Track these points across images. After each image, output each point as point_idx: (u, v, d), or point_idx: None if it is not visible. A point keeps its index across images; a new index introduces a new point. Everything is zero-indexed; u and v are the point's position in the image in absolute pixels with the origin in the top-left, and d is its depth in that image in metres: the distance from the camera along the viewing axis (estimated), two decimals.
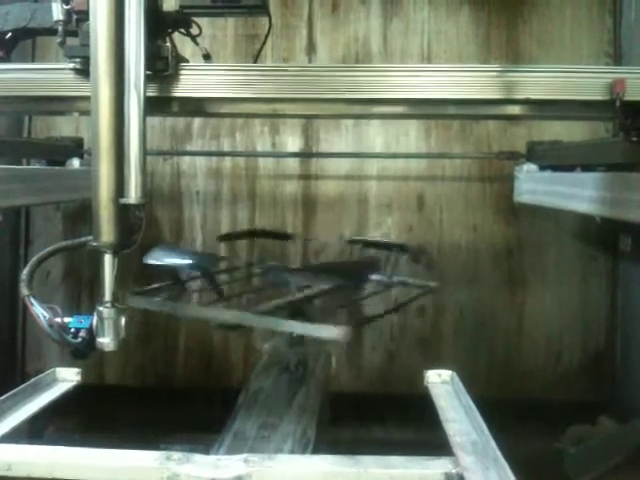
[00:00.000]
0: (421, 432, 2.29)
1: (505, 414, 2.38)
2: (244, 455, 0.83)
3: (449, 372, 1.10)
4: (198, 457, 0.83)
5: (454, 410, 0.98)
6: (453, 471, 0.78)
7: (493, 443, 0.85)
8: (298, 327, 1.48)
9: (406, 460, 0.81)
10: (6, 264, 2.66)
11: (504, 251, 2.61)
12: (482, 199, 2.62)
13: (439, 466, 0.80)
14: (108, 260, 1.28)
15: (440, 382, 1.08)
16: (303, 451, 1.19)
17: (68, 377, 1.12)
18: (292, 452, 1.16)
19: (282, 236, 2.32)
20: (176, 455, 0.83)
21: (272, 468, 0.80)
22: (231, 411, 1.49)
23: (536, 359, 2.59)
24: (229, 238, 1.86)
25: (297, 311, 1.52)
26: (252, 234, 2.00)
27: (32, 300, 1.27)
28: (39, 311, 1.27)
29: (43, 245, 2.71)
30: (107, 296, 1.27)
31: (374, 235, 2.61)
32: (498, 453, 0.82)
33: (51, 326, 1.25)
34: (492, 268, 2.62)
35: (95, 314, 1.28)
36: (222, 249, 2.30)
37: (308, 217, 2.66)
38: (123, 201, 1.24)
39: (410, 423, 2.40)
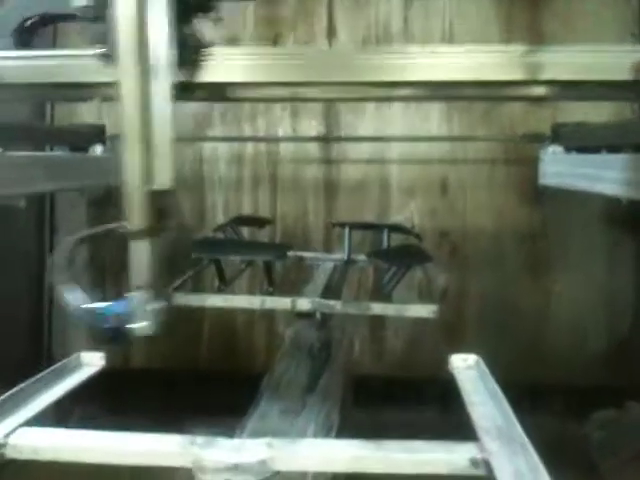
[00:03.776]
0: (443, 415, 2.30)
1: (529, 398, 2.37)
2: (267, 439, 0.83)
3: (474, 357, 1.08)
4: (221, 441, 0.83)
5: (479, 394, 0.97)
6: (478, 456, 0.77)
7: (520, 428, 0.83)
8: (389, 309, 1.49)
9: (430, 445, 0.80)
10: (32, 250, 2.69)
11: (528, 235, 2.59)
12: (506, 182, 2.59)
13: (464, 451, 0.79)
14: (140, 245, 1.25)
15: (465, 367, 1.06)
16: (326, 435, 1.19)
17: (93, 362, 1.13)
18: (315, 436, 1.16)
19: (262, 222, 2.31)
20: (199, 439, 0.83)
21: (295, 452, 0.80)
22: (254, 395, 1.49)
23: (561, 344, 2.56)
24: (221, 228, 1.86)
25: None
26: (239, 221, 2.00)
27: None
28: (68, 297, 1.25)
29: (69, 232, 2.75)
30: (142, 280, 1.24)
31: (396, 219, 2.60)
32: (525, 438, 0.80)
33: (80, 311, 1.24)
34: (516, 252, 2.59)
35: (128, 299, 1.25)
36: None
37: (330, 201, 2.65)
38: (150, 188, 1.21)
39: (432, 407, 2.41)
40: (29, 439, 0.83)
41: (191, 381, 2.58)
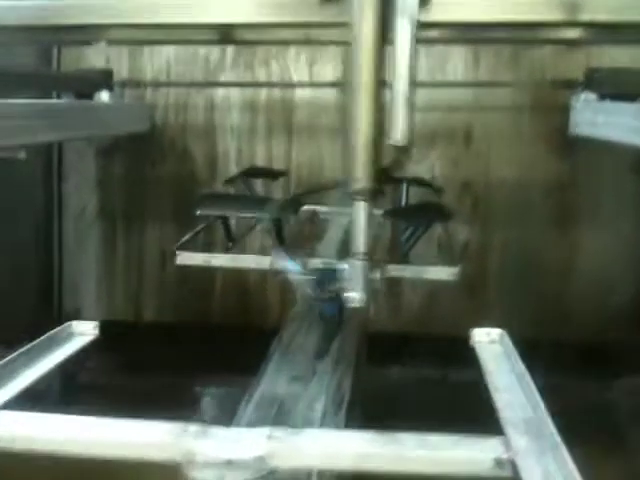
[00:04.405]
0: (458, 374, 2.23)
1: (553, 357, 2.29)
2: (267, 429, 0.75)
3: (498, 331, 0.98)
4: (217, 431, 0.75)
5: (504, 378, 0.87)
6: (504, 456, 0.68)
7: (550, 421, 0.74)
8: (407, 271, 1.40)
9: (451, 441, 0.71)
10: (40, 201, 2.61)
11: (556, 187, 2.45)
12: (535, 131, 2.44)
13: (488, 449, 0.69)
14: (362, 208, 1.16)
15: (488, 342, 0.97)
16: (337, 409, 1.10)
17: (86, 331, 1.04)
18: (325, 411, 1.08)
19: (275, 174, 2.18)
20: (193, 427, 0.75)
21: (297, 447, 0.72)
22: (266, 352, 1.43)
23: (587, 300, 2.45)
24: (232, 181, 1.76)
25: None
26: (251, 173, 1.90)
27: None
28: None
29: (77, 182, 2.67)
30: (360, 247, 1.14)
31: (416, 170, 2.48)
32: (555, 435, 0.71)
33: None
34: (543, 205, 2.46)
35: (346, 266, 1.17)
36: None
37: (347, 149, 2.53)
38: (391, 142, 1.10)
39: (449, 366, 2.35)
40: (6, 425, 0.76)
41: (202, 335, 2.52)
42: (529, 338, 2.32)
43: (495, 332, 0.97)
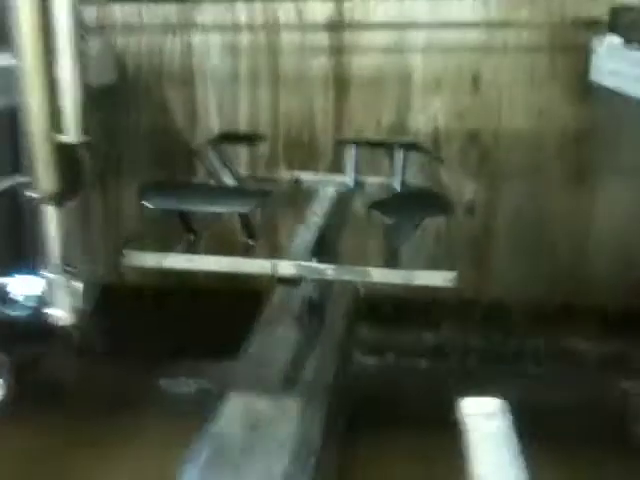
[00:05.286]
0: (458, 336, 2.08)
1: (565, 328, 2.12)
2: None
3: (496, 402, 0.77)
4: None
5: (497, 473, 0.67)
6: None
7: None
8: (394, 276, 1.19)
9: None
10: (4, 160, 2.39)
11: (573, 139, 2.20)
12: (551, 76, 2.18)
13: None
14: (52, 213, 1.01)
15: (482, 416, 0.75)
16: (300, 474, 0.92)
17: None
18: (287, 472, 0.89)
19: (253, 138, 1.92)
20: None
21: None
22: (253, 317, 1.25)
23: (604, 265, 2.26)
24: (202, 149, 1.54)
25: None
26: (224, 139, 1.66)
27: None
28: None
29: None
30: (55, 258, 1.00)
31: (417, 121, 2.24)
32: None
33: None
34: (558, 160, 2.23)
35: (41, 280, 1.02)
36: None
37: (340, 100, 2.28)
38: (60, 139, 0.94)
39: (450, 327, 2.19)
40: None
41: (187, 301, 2.37)
42: (541, 303, 2.14)
43: (491, 404, 0.75)
